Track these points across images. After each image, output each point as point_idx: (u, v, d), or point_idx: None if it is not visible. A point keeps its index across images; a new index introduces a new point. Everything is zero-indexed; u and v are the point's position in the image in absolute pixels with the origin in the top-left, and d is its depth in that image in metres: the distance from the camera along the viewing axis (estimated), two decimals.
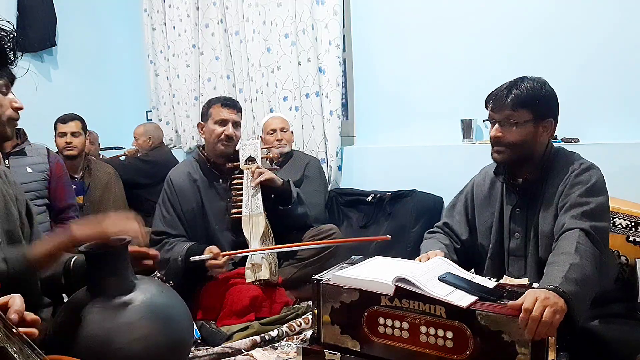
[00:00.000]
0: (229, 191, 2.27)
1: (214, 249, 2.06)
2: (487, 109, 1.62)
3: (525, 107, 1.54)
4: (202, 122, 2.35)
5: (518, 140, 1.55)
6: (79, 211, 2.75)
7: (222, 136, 2.25)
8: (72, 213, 2.66)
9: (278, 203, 2.28)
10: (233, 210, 2.21)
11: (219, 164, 2.31)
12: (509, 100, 1.54)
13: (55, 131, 2.93)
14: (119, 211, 3.12)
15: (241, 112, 2.37)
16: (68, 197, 2.66)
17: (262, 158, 2.30)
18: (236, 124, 2.30)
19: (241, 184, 2.24)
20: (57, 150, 2.97)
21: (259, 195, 2.20)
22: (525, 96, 1.54)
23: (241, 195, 2.21)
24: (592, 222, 1.42)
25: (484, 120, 1.64)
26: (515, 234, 1.62)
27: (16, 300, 0.93)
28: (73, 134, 2.89)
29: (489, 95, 1.61)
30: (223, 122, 2.26)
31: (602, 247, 1.40)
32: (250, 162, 2.27)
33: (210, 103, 2.35)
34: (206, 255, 2.03)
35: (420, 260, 1.57)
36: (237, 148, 2.33)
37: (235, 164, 2.28)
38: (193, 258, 2.03)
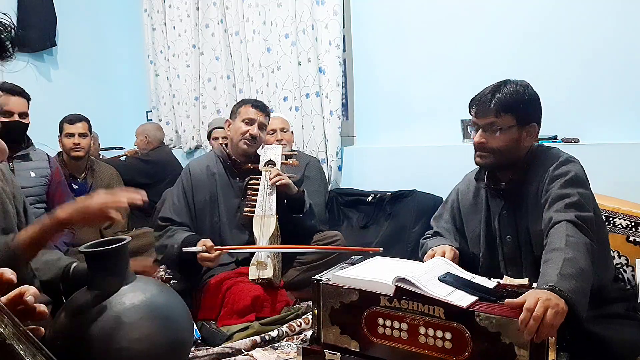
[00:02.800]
0: (245, 190, 2.31)
1: (207, 242, 2.08)
2: (470, 115, 1.60)
3: (509, 112, 1.53)
4: (229, 120, 2.41)
5: (502, 146, 1.54)
6: None
7: (247, 134, 2.30)
8: None
9: (290, 210, 2.30)
10: (246, 209, 2.24)
11: (240, 162, 2.35)
12: (492, 105, 1.53)
13: (61, 132, 2.93)
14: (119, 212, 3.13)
15: (269, 117, 2.43)
16: (66, 201, 2.65)
17: (282, 163, 2.32)
18: (262, 126, 2.35)
19: (258, 184, 2.27)
20: (61, 150, 2.98)
21: (274, 197, 2.23)
22: (509, 101, 1.52)
23: (256, 195, 2.25)
24: (577, 212, 1.41)
25: (466, 126, 1.63)
26: (507, 237, 1.61)
27: (29, 288, 0.93)
28: (80, 135, 2.90)
29: (472, 100, 1.60)
30: (250, 121, 2.31)
31: (592, 236, 1.39)
32: (269, 165, 2.30)
33: (241, 102, 2.42)
34: (199, 247, 2.06)
35: (430, 256, 1.57)
36: (258, 151, 2.37)
37: (255, 165, 2.32)
38: (185, 249, 2.05)
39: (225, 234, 2.27)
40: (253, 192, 2.26)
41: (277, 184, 2.23)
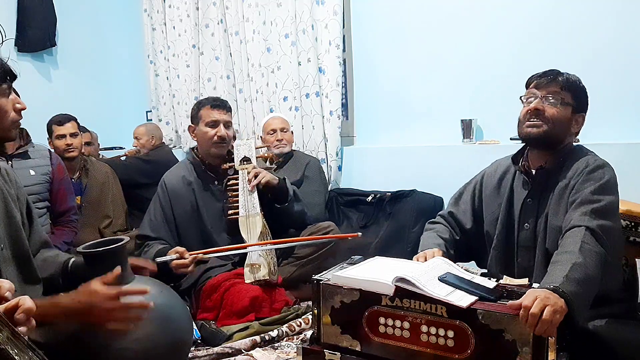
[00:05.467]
0: (225, 192, 2.27)
1: (179, 248, 2.02)
2: (527, 88, 1.62)
3: (571, 92, 1.57)
4: (192, 125, 2.33)
5: (557, 117, 1.55)
6: (78, 214, 2.74)
7: (215, 138, 2.24)
8: (72, 216, 2.67)
9: (274, 202, 2.27)
10: (230, 212, 2.21)
11: (214, 165, 2.30)
12: (560, 78, 1.57)
13: (51, 134, 2.86)
14: (117, 210, 3.12)
15: (231, 112, 2.36)
16: (69, 200, 2.65)
17: (257, 158, 2.29)
18: (227, 124, 2.28)
19: (237, 184, 2.23)
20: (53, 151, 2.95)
21: (255, 195, 2.20)
22: (573, 82, 1.58)
23: (237, 196, 2.21)
24: (600, 220, 1.41)
25: (520, 97, 1.63)
26: (525, 225, 1.61)
27: (26, 302, 0.93)
28: (72, 135, 2.85)
29: (533, 75, 1.62)
30: (214, 124, 2.25)
31: (608, 247, 1.39)
32: (245, 162, 2.27)
33: (199, 105, 2.33)
34: (172, 255, 1.99)
35: (417, 260, 1.57)
36: (230, 149, 2.32)
37: (230, 164, 2.28)
38: (158, 259, 1.97)
39: (214, 240, 2.23)
40: (234, 194, 2.22)
41: (259, 183, 2.18)
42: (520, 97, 1.64)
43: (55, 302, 1.16)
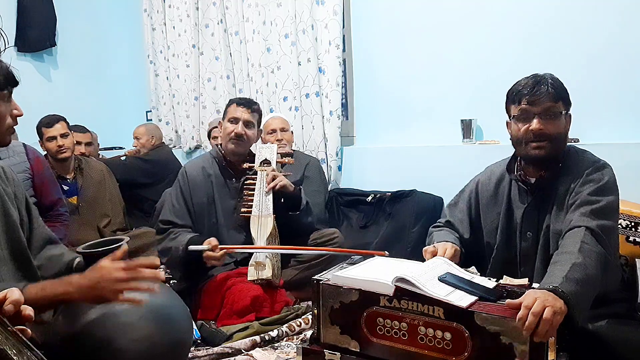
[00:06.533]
0: (241, 191, 2.31)
1: (212, 240, 2.09)
2: (515, 104, 1.56)
3: (560, 99, 1.53)
4: (221, 121, 2.41)
5: (558, 132, 1.53)
6: (66, 205, 2.69)
7: (232, 134, 2.29)
8: (60, 209, 2.61)
9: (287, 208, 2.30)
10: (243, 209, 2.24)
11: (235, 162, 2.35)
12: (550, 90, 1.51)
13: (42, 136, 2.82)
14: (115, 209, 3.09)
15: (257, 113, 2.38)
16: (54, 192, 2.60)
17: (277, 162, 2.32)
18: (248, 123, 2.32)
19: (254, 184, 2.27)
20: (45, 154, 2.88)
21: (270, 197, 2.24)
22: (558, 87, 1.53)
23: (253, 195, 2.25)
24: (600, 220, 1.41)
25: (512, 117, 1.58)
26: (527, 234, 1.60)
27: (14, 293, 0.92)
28: (62, 136, 2.81)
29: (520, 90, 1.55)
30: (235, 120, 2.31)
31: (608, 246, 1.39)
32: (265, 165, 2.30)
33: (229, 102, 2.43)
34: (204, 246, 2.06)
35: (431, 252, 1.56)
36: (253, 150, 2.38)
37: (250, 165, 2.32)
38: (191, 247, 2.06)
39: (222, 235, 2.26)
40: (249, 192, 2.26)
41: (275, 187, 2.22)
42: (513, 116, 1.58)
43: (66, 281, 1.18)
